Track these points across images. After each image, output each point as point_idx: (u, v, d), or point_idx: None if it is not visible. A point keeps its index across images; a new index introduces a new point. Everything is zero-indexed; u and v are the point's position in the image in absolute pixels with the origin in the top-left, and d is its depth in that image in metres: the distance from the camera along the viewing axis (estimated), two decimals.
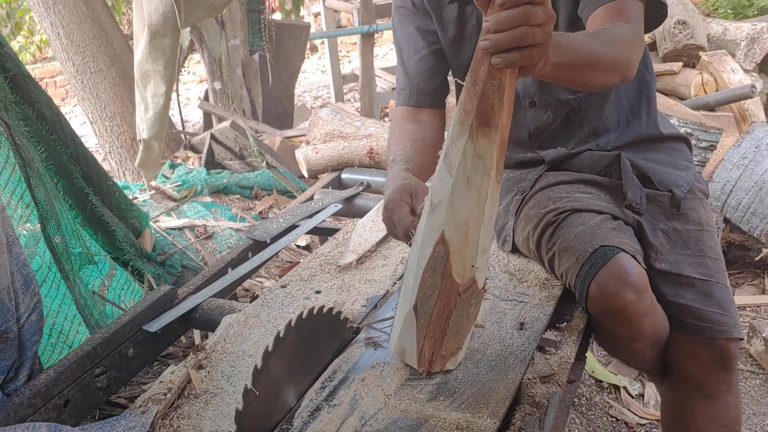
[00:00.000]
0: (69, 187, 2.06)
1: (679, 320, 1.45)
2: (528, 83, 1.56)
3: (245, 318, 1.47)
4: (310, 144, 2.76)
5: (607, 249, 1.34)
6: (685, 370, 1.49)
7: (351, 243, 1.78)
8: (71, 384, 1.33)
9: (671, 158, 1.59)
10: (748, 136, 2.85)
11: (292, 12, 6.04)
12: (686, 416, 1.51)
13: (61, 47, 4.07)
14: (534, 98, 1.58)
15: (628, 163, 1.51)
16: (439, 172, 1.10)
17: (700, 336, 1.43)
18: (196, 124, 6.25)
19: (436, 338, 1.19)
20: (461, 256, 1.11)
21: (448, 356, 1.21)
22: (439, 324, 1.17)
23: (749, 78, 4.00)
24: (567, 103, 1.56)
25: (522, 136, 1.65)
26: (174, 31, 2.56)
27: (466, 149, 1.05)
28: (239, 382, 1.26)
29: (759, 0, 5.66)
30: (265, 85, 5.04)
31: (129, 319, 1.49)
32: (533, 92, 1.57)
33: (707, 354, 1.44)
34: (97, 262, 2.11)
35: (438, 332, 1.18)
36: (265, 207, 3.45)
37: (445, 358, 1.21)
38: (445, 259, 1.11)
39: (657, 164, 1.56)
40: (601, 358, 2.42)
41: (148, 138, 2.88)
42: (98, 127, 4.26)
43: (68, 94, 8.33)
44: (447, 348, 1.20)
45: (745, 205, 2.73)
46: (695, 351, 1.45)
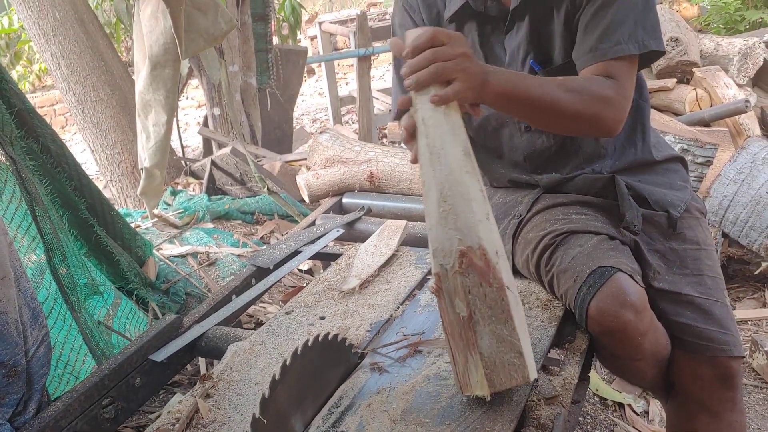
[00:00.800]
0: (74, 218, 2.08)
1: (680, 339, 1.46)
2: None
3: (251, 346, 1.49)
4: (310, 169, 2.78)
5: (604, 269, 1.35)
6: (688, 388, 1.50)
7: (354, 268, 1.80)
8: (79, 416, 1.34)
9: (667, 179, 1.61)
10: (744, 150, 2.88)
11: (289, 37, 6.11)
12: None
13: (61, 77, 4.11)
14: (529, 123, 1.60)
15: (624, 185, 1.53)
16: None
17: (700, 355, 1.44)
18: (195, 150, 6.29)
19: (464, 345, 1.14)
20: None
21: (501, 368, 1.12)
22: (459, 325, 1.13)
23: (743, 93, 4.04)
24: None
25: (517, 159, 1.66)
26: (174, 62, 2.60)
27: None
28: (247, 410, 1.28)
29: (750, 15, 5.73)
30: (263, 109, 5.08)
31: (135, 349, 1.50)
32: None
33: (710, 373, 1.45)
34: (102, 292, 2.13)
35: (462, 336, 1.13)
36: (266, 232, 3.47)
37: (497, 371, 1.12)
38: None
39: (652, 186, 1.57)
40: (605, 376, 2.43)
41: (150, 167, 2.91)
42: (99, 155, 4.29)
43: (68, 122, 8.38)
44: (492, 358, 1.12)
45: (743, 220, 2.75)
46: (697, 370, 1.46)
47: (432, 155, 1.15)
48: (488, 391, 1.13)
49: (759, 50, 4.21)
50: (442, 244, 1.14)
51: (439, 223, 1.14)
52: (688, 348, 1.45)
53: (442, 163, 1.15)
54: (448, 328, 1.16)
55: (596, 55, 1.38)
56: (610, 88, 1.35)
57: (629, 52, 1.37)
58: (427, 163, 1.16)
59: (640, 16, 1.38)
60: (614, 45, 1.37)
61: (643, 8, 1.38)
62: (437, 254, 1.14)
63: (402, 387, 1.27)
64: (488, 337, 1.12)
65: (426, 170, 1.16)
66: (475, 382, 1.14)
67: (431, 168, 1.15)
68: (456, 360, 1.16)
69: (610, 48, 1.37)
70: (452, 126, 1.16)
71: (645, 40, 1.38)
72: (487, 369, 1.12)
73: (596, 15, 1.39)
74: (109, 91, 4.17)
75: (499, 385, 1.13)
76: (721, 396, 1.46)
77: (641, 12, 1.38)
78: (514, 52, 1.51)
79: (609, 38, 1.37)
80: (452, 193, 1.13)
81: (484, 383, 1.13)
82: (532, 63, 1.49)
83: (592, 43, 1.39)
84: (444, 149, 1.15)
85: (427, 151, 1.16)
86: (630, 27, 1.37)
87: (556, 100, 1.29)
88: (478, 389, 1.14)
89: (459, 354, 1.15)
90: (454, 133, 1.16)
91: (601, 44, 1.37)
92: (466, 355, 1.14)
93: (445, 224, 1.13)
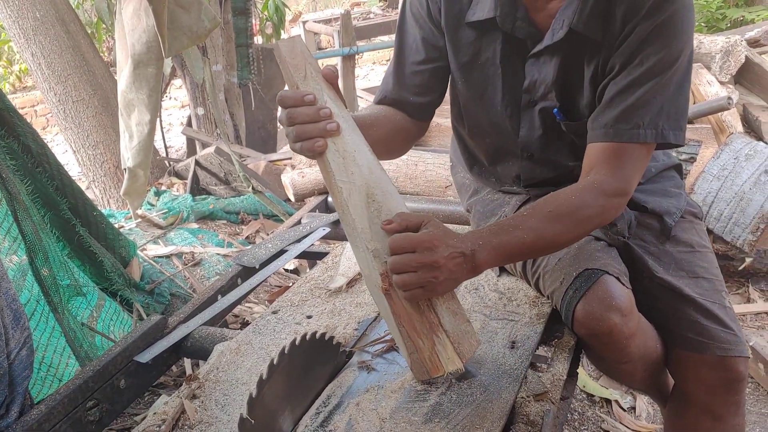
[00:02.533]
0: (56, 219, 2.05)
1: (682, 336, 1.43)
2: (532, 141, 1.49)
3: (237, 345, 1.47)
4: (295, 168, 2.77)
5: (591, 272, 1.34)
6: (691, 391, 1.46)
7: (341, 266, 1.79)
8: (63, 419, 1.32)
9: (661, 186, 1.56)
10: (727, 147, 2.90)
11: (273, 36, 6.07)
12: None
13: (42, 77, 4.06)
14: (534, 153, 1.52)
15: None
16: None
17: (704, 353, 1.40)
18: (179, 150, 6.24)
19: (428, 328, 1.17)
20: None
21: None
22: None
23: (725, 90, 4.08)
24: (567, 166, 1.52)
25: (509, 175, 1.61)
26: (158, 60, 2.57)
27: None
28: (234, 410, 1.26)
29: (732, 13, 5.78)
30: (248, 109, 5.05)
31: (120, 350, 1.48)
32: (535, 149, 1.51)
33: (715, 376, 1.41)
34: (86, 293, 2.10)
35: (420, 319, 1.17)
36: (252, 232, 3.45)
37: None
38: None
39: (646, 194, 1.52)
40: (592, 372, 2.44)
41: (133, 167, 2.87)
42: (81, 156, 4.24)
43: (49, 123, 8.28)
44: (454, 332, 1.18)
45: (726, 216, 2.77)
46: (702, 372, 1.42)
47: (346, 159, 1.16)
48: (461, 364, 1.18)
49: (741, 48, 4.25)
50: (381, 242, 1.15)
51: (372, 223, 1.15)
52: (689, 346, 1.42)
53: (359, 164, 1.16)
54: (406, 321, 1.16)
55: (609, 134, 1.29)
56: (607, 195, 1.26)
57: (644, 139, 1.27)
58: (340, 169, 1.16)
59: (669, 101, 1.27)
60: (631, 128, 1.27)
61: (674, 92, 1.28)
62: (379, 254, 1.15)
63: (391, 385, 1.26)
64: (447, 314, 1.18)
65: (340, 176, 1.16)
66: (446, 359, 1.18)
67: (347, 172, 1.16)
68: (420, 348, 1.18)
69: (626, 131, 1.27)
70: (354, 127, 1.19)
71: (665, 129, 1.27)
72: (454, 343, 1.17)
73: (626, 89, 1.28)
74: (91, 90, 4.13)
75: (467, 354, 1.19)
76: (725, 399, 1.43)
77: (671, 96, 1.27)
78: (536, 82, 1.41)
79: (628, 119, 1.27)
80: (378, 190, 1.16)
81: (455, 357, 1.17)
82: (557, 113, 1.41)
83: (610, 119, 1.29)
84: (357, 150, 1.17)
85: (339, 156, 1.16)
86: (653, 111, 1.27)
87: (553, 237, 1.22)
88: (450, 366, 1.18)
89: (423, 340, 1.17)
90: (358, 134, 1.19)
91: (618, 123, 1.28)
92: (432, 338, 1.17)
93: (379, 222, 1.15)
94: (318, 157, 1.17)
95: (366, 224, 1.15)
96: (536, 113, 1.45)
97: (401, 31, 1.52)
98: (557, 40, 1.33)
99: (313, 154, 1.16)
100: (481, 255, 1.16)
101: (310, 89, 1.18)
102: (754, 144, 2.90)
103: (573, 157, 1.50)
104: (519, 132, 1.50)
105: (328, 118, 1.16)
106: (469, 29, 1.44)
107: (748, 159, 2.82)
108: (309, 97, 1.15)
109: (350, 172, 1.17)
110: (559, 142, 1.49)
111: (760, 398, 2.28)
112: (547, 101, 1.42)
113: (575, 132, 1.43)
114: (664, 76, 1.25)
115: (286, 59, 1.21)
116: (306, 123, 1.14)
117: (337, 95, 1.21)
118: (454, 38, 1.46)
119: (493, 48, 1.43)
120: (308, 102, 1.15)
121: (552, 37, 1.34)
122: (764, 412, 2.22)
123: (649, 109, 1.27)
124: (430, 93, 1.52)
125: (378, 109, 1.51)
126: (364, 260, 1.18)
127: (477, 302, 1.54)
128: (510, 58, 1.42)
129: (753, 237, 2.72)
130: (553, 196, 1.27)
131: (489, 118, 1.51)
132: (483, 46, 1.44)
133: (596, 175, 1.29)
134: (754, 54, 4.44)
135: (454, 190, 2.59)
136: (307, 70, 1.20)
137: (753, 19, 5.62)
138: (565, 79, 1.39)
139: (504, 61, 1.43)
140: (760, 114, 4.20)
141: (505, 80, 1.44)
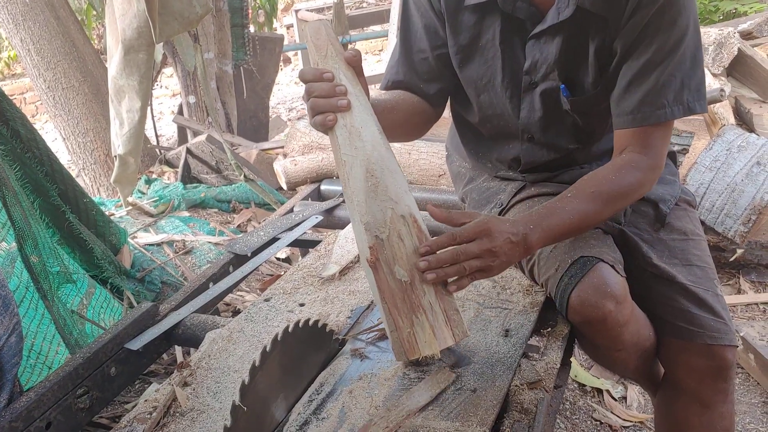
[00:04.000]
0: (45, 205, 2.03)
1: (672, 324, 1.43)
2: (532, 123, 1.50)
3: (229, 333, 1.46)
4: (288, 156, 2.75)
5: (586, 259, 1.34)
6: (680, 379, 1.47)
7: (333, 254, 1.78)
8: (53, 406, 1.30)
9: None
10: (719, 138, 2.91)
11: (265, 25, 6.04)
12: (681, 426, 1.50)
13: (31, 63, 4.02)
14: (534, 135, 1.53)
15: None
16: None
17: (693, 342, 1.41)
18: (170, 139, 6.21)
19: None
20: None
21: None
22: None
23: (718, 82, 4.08)
24: (566, 149, 1.53)
25: (506, 157, 1.62)
26: (148, 46, 2.55)
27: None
28: (226, 398, 1.25)
29: (724, 5, 5.79)
30: (239, 97, 5.03)
31: (111, 337, 1.47)
32: (535, 131, 1.51)
33: (704, 364, 1.42)
34: (76, 280, 2.08)
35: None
36: (243, 220, 3.43)
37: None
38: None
39: None
40: (584, 362, 2.44)
41: (124, 154, 2.85)
42: (71, 143, 4.21)
43: (38, 111, 8.22)
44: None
45: (718, 207, 2.78)
46: (691, 361, 1.43)
47: (351, 134, 1.21)
48: (437, 349, 1.16)
49: (734, 40, 4.25)
50: (374, 216, 1.19)
51: (368, 197, 1.19)
52: (679, 334, 1.42)
53: (363, 140, 1.21)
54: (389, 298, 1.17)
55: (637, 119, 1.31)
56: (642, 170, 1.31)
57: (673, 117, 1.29)
58: (346, 143, 1.21)
59: (687, 75, 1.29)
60: (657, 109, 1.29)
61: (691, 65, 1.29)
62: (370, 227, 1.18)
63: (384, 373, 1.25)
64: (433, 298, 1.18)
65: (345, 150, 1.21)
66: (423, 342, 1.17)
67: (351, 146, 1.21)
68: (400, 327, 1.17)
69: (653, 113, 1.29)
70: (367, 107, 1.24)
71: (690, 102, 1.29)
72: (433, 327, 1.17)
73: (643, 71, 1.29)
74: (81, 77, 4.09)
75: (444, 342, 1.17)
76: (714, 387, 1.43)
77: (689, 69, 1.29)
78: (537, 63, 1.41)
79: (653, 101, 1.29)
80: (378, 166, 1.20)
81: (433, 341, 1.16)
82: (563, 90, 1.42)
83: (634, 104, 1.30)
84: (363, 127, 1.21)
85: (346, 131, 1.21)
86: (676, 88, 1.28)
87: (596, 214, 1.28)
88: (426, 349, 1.17)
89: (403, 319, 1.17)
90: (370, 113, 1.23)
91: (643, 107, 1.30)
92: (411, 318, 1.17)
93: (375, 197, 1.19)
94: (329, 132, 1.23)
95: (362, 198, 1.19)
96: (537, 95, 1.45)
97: (405, 20, 1.54)
98: (564, 19, 1.34)
99: (324, 128, 1.21)
100: (533, 237, 1.21)
101: (329, 68, 1.23)
102: (747, 136, 2.90)
103: (573, 140, 1.51)
104: (519, 114, 1.50)
105: (342, 95, 1.20)
106: (470, 13, 1.44)
107: (741, 150, 2.82)
108: (327, 74, 1.20)
109: (354, 146, 1.21)
110: (559, 125, 1.49)
111: (750, 388, 2.30)
112: (549, 81, 1.43)
113: (580, 110, 1.44)
114: (677, 51, 1.27)
115: (311, 39, 1.27)
116: (321, 97, 1.20)
117: (356, 76, 1.25)
118: (454, 22, 1.46)
119: (493, 30, 1.43)
120: (326, 78, 1.20)
121: (558, 16, 1.34)
122: (754, 402, 2.23)
123: (671, 88, 1.29)
124: (439, 80, 1.53)
125: (396, 93, 1.54)
126: (357, 232, 1.21)
127: (471, 290, 1.54)
128: (510, 40, 1.43)
129: (744, 228, 2.72)
130: (592, 177, 1.32)
131: (490, 101, 1.52)
132: (483, 28, 1.44)
133: (629, 154, 1.33)
134: (747, 46, 4.45)
135: (447, 178, 2.58)
136: (329, 51, 1.25)
137: (746, 12, 5.63)
138: (567, 58, 1.39)
139: (504, 42, 1.43)
140: (752, 106, 4.21)
141: (505, 62, 1.45)
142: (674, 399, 1.52)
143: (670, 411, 1.54)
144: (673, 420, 1.53)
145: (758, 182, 2.72)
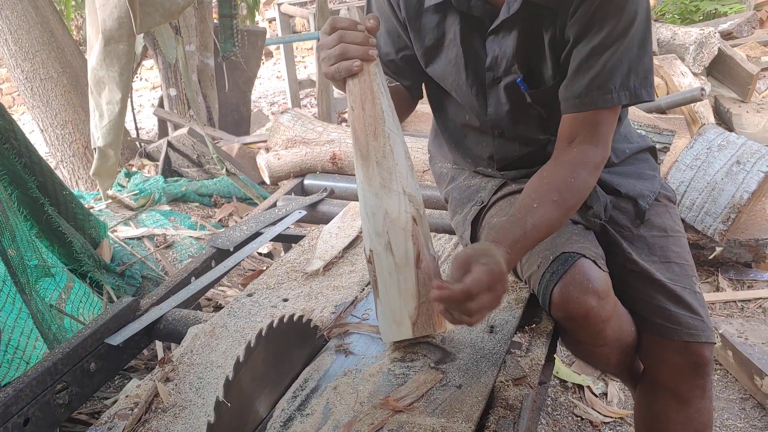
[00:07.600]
0: (23, 197, 1.99)
1: (650, 321, 1.44)
2: (500, 118, 1.51)
3: (212, 328, 1.45)
4: (271, 150, 2.73)
5: (568, 255, 1.34)
6: (658, 375, 1.48)
7: (317, 250, 1.76)
8: (31, 402, 1.28)
9: (636, 168, 1.58)
10: (700, 137, 2.93)
11: (247, 18, 5.99)
12: (659, 421, 1.51)
13: (9, 53, 3.95)
14: (504, 130, 1.54)
15: None
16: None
17: (669, 339, 1.42)
18: (150, 132, 6.14)
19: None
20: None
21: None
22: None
23: (698, 81, 4.12)
24: (537, 141, 1.53)
25: (482, 155, 1.63)
26: (129, 37, 2.51)
27: None
28: (208, 394, 1.24)
29: (705, 5, 5.84)
30: (221, 91, 4.98)
31: (90, 332, 1.45)
32: (505, 125, 1.53)
33: (680, 360, 1.43)
34: (54, 274, 2.05)
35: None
36: (225, 215, 3.40)
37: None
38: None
39: (621, 177, 1.54)
40: (565, 358, 2.46)
41: (104, 146, 2.80)
42: (49, 135, 4.14)
43: (15, 102, 8.08)
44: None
45: (698, 205, 2.80)
46: (668, 356, 1.44)
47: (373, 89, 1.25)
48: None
49: (714, 40, 4.30)
50: (413, 190, 1.25)
51: (409, 168, 1.25)
52: (656, 331, 1.44)
53: (380, 97, 1.25)
54: (425, 268, 1.22)
55: (585, 103, 1.32)
56: (595, 165, 1.33)
57: (619, 102, 1.31)
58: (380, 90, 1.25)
59: (635, 61, 1.30)
60: (604, 94, 1.30)
61: (638, 51, 1.30)
62: (413, 199, 1.24)
63: (369, 369, 1.25)
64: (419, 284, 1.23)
65: (379, 95, 1.25)
66: (442, 320, 1.24)
67: (390, 105, 1.27)
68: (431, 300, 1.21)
69: (600, 97, 1.30)
70: (383, 74, 1.29)
71: (637, 89, 1.31)
72: (417, 312, 1.23)
73: (591, 56, 1.30)
74: (60, 68, 4.02)
75: (423, 330, 1.24)
76: (691, 383, 1.45)
77: (636, 56, 1.30)
78: (497, 58, 1.43)
79: (600, 86, 1.30)
80: (387, 128, 1.24)
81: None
82: (521, 83, 1.43)
83: (582, 88, 1.32)
84: (381, 84, 1.26)
85: (367, 85, 1.25)
86: (623, 73, 1.29)
87: (559, 221, 1.29)
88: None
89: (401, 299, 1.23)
90: (384, 82, 1.28)
91: (591, 91, 1.31)
92: (400, 302, 1.23)
93: (412, 171, 1.26)
94: (349, 79, 1.25)
95: (405, 168, 1.24)
96: (501, 90, 1.47)
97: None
98: (513, 13, 1.35)
99: (348, 73, 1.24)
100: (512, 260, 1.20)
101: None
102: (727, 135, 2.93)
103: (542, 131, 1.52)
104: (487, 110, 1.51)
105: (373, 46, 1.25)
106: (431, 14, 1.46)
107: (721, 149, 2.85)
108: (361, 26, 1.24)
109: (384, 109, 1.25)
110: (527, 117, 1.50)
111: (729, 384, 2.32)
112: (512, 75, 1.44)
113: (541, 101, 1.45)
114: (625, 37, 1.28)
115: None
116: (353, 44, 1.22)
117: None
118: (416, 27, 1.49)
119: (454, 29, 1.45)
120: (360, 29, 1.24)
121: (508, 11, 1.36)
122: (732, 398, 2.26)
123: (618, 73, 1.30)
124: (410, 77, 1.59)
125: None
126: (393, 203, 1.24)
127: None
128: (470, 38, 1.45)
129: (724, 226, 2.75)
130: (550, 181, 1.30)
131: (459, 99, 1.54)
132: (446, 28, 1.47)
133: (580, 146, 1.33)
134: (727, 46, 4.50)
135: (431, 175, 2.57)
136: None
137: (726, 12, 5.69)
138: (525, 51, 1.41)
139: (465, 41, 1.45)
140: (731, 106, 4.26)
141: (468, 60, 1.46)
142: (653, 395, 1.53)
143: (650, 407, 1.56)
144: (653, 416, 1.55)
145: (738, 181, 2.75)
